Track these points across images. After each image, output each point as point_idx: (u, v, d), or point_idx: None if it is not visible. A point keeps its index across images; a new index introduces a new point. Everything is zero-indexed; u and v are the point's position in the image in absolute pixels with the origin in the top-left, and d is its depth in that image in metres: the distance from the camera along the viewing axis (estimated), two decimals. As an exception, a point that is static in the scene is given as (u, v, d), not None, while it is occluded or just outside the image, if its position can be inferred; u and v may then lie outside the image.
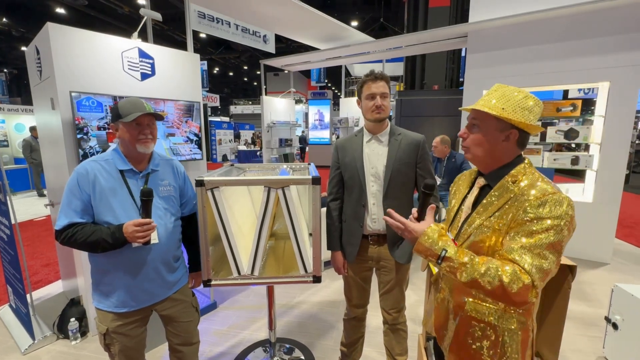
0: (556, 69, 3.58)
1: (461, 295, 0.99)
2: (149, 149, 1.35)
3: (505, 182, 0.93)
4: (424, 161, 1.56)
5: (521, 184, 0.90)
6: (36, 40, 2.27)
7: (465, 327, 0.97)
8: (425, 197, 0.96)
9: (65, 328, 2.32)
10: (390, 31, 13.47)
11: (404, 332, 1.75)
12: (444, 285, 1.07)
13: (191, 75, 2.77)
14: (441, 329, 1.07)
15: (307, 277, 1.60)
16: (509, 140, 0.93)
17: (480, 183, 1.00)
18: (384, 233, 1.60)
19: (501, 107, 0.90)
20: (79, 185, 1.26)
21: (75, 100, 2.08)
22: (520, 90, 0.93)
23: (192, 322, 1.57)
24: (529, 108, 0.90)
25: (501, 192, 0.92)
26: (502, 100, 0.92)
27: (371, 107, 1.53)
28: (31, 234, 4.85)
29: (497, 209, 0.91)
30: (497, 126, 0.93)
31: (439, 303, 1.09)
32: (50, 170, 2.58)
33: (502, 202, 0.90)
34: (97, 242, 1.22)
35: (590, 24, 3.37)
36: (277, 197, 1.50)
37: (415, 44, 4.69)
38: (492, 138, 0.94)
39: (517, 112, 0.89)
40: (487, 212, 0.93)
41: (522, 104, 0.90)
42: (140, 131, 1.31)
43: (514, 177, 0.92)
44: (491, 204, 0.93)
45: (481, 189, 1.00)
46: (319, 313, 2.67)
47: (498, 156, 0.95)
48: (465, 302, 0.97)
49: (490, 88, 0.99)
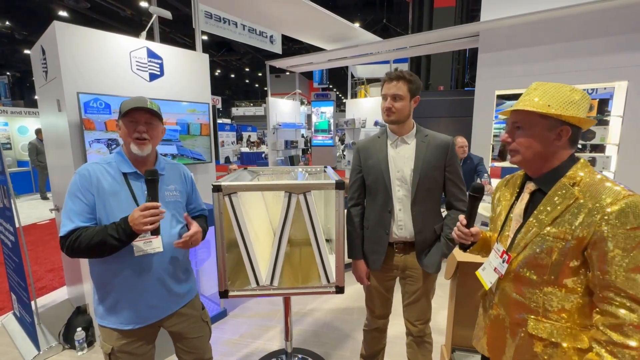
0: (571, 68, 3.50)
1: (520, 311, 0.89)
2: (144, 151, 1.22)
3: (563, 185, 0.84)
4: (453, 164, 1.47)
5: (583, 187, 0.81)
6: (42, 40, 2.20)
7: (527, 348, 0.88)
8: (474, 201, 0.88)
9: (72, 338, 2.23)
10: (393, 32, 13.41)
11: (429, 345, 1.65)
12: (498, 301, 0.97)
13: (200, 76, 2.69)
14: (497, 350, 0.98)
15: (330, 288, 1.52)
16: (561, 138, 0.85)
17: (531, 188, 0.91)
18: (411, 241, 1.51)
19: (547, 104, 0.84)
20: (81, 187, 1.17)
21: (83, 101, 2.00)
22: (563, 85, 0.86)
23: (202, 338, 1.46)
24: (576, 102, 0.83)
25: (560, 196, 0.84)
26: (546, 97, 0.85)
27: (383, 108, 1.45)
28: (34, 238, 4.78)
29: (557, 215, 0.82)
30: (546, 125, 0.85)
31: (492, 321, 1.00)
32: (56, 173, 2.50)
33: (563, 207, 0.82)
34: (103, 241, 1.11)
35: (606, 21, 3.28)
36: (298, 202, 1.41)
37: (424, 43, 4.61)
38: (541, 138, 0.86)
39: (566, 107, 0.83)
40: (545, 219, 0.84)
41: (569, 98, 0.83)
42: (135, 128, 1.20)
43: (572, 179, 0.84)
44: (549, 210, 0.84)
45: (531, 194, 0.91)
46: (333, 321, 2.58)
47: (550, 157, 0.88)
48: (526, 319, 0.88)
49: (529, 87, 0.92)
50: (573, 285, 0.81)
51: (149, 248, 1.22)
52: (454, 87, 8.81)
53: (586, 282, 0.80)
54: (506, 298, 0.94)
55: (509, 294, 0.92)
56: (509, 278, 0.92)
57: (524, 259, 0.87)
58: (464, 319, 1.84)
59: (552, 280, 0.83)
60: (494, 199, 1.06)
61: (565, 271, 0.81)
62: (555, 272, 0.82)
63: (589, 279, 0.79)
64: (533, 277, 0.86)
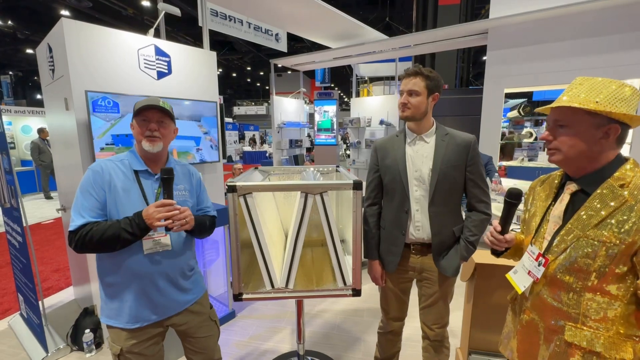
0: (582, 66, 3.44)
1: (556, 317, 0.85)
2: (155, 148, 1.23)
3: (610, 186, 0.79)
4: (475, 164, 1.42)
5: (633, 188, 0.77)
6: (49, 37, 2.17)
7: (563, 356, 0.84)
8: (510, 207, 0.84)
9: (80, 339, 2.21)
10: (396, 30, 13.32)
11: (446, 350, 1.62)
12: (531, 305, 0.93)
13: (208, 74, 2.66)
14: (529, 356, 0.94)
15: (346, 290, 1.48)
16: (609, 137, 0.80)
17: (572, 189, 0.87)
18: (428, 242, 1.47)
19: (594, 101, 0.79)
20: (94, 182, 1.18)
21: (91, 100, 1.97)
22: (611, 80, 0.82)
23: (211, 337, 1.46)
24: (626, 98, 0.78)
25: (607, 198, 0.79)
26: (593, 92, 0.80)
27: (399, 105, 1.42)
28: (39, 238, 4.76)
29: (603, 218, 0.78)
30: (592, 122, 0.80)
31: (523, 326, 0.96)
32: (63, 173, 2.47)
33: (610, 210, 0.77)
34: (116, 235, 1.12)
35: (618, 18, 3.22)
36: (315, 203, 1.38)
37: (432, 41, 4.56)
38: (587, 137, 0.81)
39: (616, 104, 0.78)
40: (589, 222, 0.80)
41: (618, 95, 0.79)
42: (147, 127, 1.22)
43: (621, 180, 0.79)
44: (594, 213, 0.80)
45: (572, 195, 0.87)
46: (343, 323, 2.54)
47: (595, 157, 0.83)
48: (563, 326, 0.84)
49: (572, 82, 0.86)
50: (617, 292, 0.77)
51: (158, 246, 1.24)
52: (459, 85, 8.75)
53: (633, 290, 0.76)
54: (541, 303, 0.90)
55: (544, 298, 0.88)
56: (545, 282, 0.88)
57: (564, 263, 0.83)
58: (481, 322, 1.81)
59: (594, 286, 0.79)
60: (528, 200, 1.02)
61: (609, 277, 0.77)
62: (598, 277, 0.78)
63: (637, 286, 0.75)
64: (572, 281, 0.82)
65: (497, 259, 1.71)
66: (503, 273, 1.67)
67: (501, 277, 1.69)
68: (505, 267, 1.65)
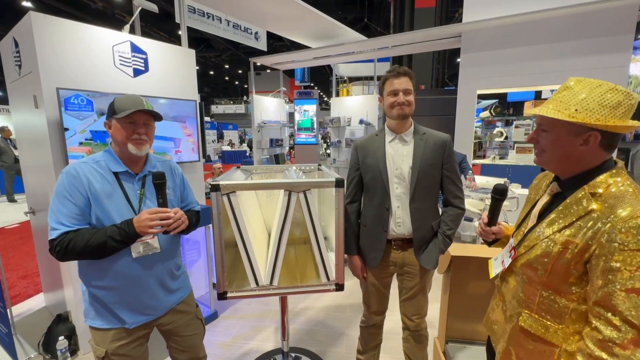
0: (552, 69, 3.64)
1: (516, 305, 0.92)
2: (142, 151, 1.21)
3: (583, 193, 0.80)
4: (450, 162, 1.50)
5: (607, 196, 0.76)
6: (14, 31, 2.06)
7: (517, 339, 0.91)
8: (496, 202, 0.90)
9: (53, 347, 2.11)
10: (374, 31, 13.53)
11: (425, 339, 1.69)
12: (502, 290, 1.00)
13: (186, 72, 2.61)
14: (496, 334, 1.02)
15: (329, 286, 1.52)
16: (589, 144, 0.79)
17: (554, 190, 0.89)
18: (409, 237, 1.54)
19: (573, 109, 0.77)
20: (70, 188, 1.12)
21: (63, 97, 1.89)
22: (601, 84, 0.77)
23: (197, 335, 1.46)
24: (610, 106, 0.75)
25: (576, 204, 0.80)
26: (575, 98, 0.78)
27: (393, 104, 1.46)
28: (4, 243, 4.48)
29: (568, 223, 0.80)
30: (571, 130, 0.79)
31: (494, 306, 1.04)
32: (32, 174, 2.35)
33: (574, 217, 0.79)
34: (102, 243, 1.09)
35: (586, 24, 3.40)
36: (298, 201, 1.40)
37: (409, 43, 4.69)
38: (566, 143, 0.81)
39: (596, 112, 0.75)
40: (556, 225, 0.83)
41: (602, 101, 0.75)
42: (134, 130, 1.19)
43: (596, 187, 0.78)
44: (562, 217, 0.82)
45: (554, 196, 0.90)
46: (325, 319, 2.58)
47: (577, 162, 0.82)
48: (520, 312, 0.90)
49: (564, 83, 0.83)
50: (570, 293, 0.80)
51: (147, 249, 1.23)
52: (434, 86, 9.02)
53: (584, 293, 0.79)
54: (507, 289, 0.97)
55: (510, 286, 0.96)
56: (512, 272, 0.95)
57: (527, 259, 0.88)
58: (457, 312, 1.90)
59: (549, 285, 0.83)
60: (530, 194, 1.04)
61: (564, 278, 0.80)
62: (554, 277, 0.82)
63: (587, 293, 0.78)
64: (532, 277, 0.87)
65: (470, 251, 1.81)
66: (477, 265, 1.78)
67: (475, 269, 1.79)
68: (478, 260, 1.75)
